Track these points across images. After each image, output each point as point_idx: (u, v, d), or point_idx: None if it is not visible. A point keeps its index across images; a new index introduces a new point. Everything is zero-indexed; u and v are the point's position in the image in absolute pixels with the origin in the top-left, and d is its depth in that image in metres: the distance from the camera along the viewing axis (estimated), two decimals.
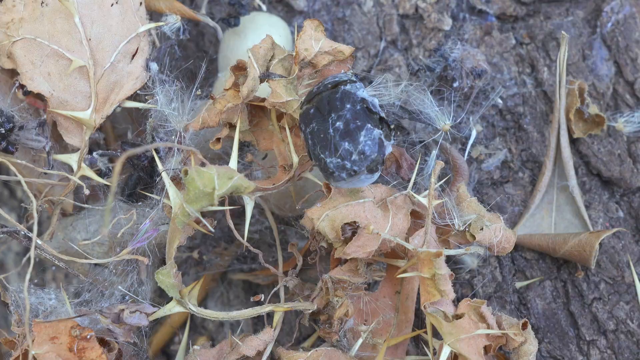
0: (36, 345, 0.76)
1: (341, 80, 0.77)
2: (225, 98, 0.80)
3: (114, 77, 0.84)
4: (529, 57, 0.95)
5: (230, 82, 0.80)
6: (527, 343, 0.78)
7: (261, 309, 0.80)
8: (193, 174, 0.72)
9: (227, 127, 0.81)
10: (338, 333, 0.82)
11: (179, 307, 0.79)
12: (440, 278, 0.76)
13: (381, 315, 0.84)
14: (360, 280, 0.81)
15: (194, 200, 0.74)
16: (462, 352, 0.75)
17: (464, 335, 0.75)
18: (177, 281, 0.78)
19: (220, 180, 0.73)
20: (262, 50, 0.80)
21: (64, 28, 0.84)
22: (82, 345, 0.75)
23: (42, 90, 0.83)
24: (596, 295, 0.91)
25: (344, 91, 0.76)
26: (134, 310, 0.77)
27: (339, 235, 0.78)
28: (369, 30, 0.97)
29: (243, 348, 0.80)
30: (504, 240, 0.81)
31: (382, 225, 0.79)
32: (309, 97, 0.78)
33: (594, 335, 0.90)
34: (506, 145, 0.94)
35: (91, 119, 0.83)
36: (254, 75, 0.79)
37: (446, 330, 0.75)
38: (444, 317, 0.76)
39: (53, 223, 0.83)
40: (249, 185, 0.74)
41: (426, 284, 0.76)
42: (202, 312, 0.80)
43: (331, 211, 0.78)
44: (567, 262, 0.92)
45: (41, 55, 0.83)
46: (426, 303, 0.76)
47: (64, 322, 0.76)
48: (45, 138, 0.83)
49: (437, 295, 0.76)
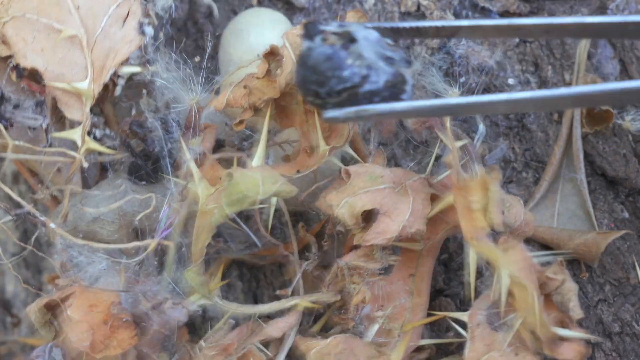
0: (73, 307, 0.75)
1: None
2: (259, 89, 0.78)
3: (108, 43, 0.84)
4: (533, 55, 0.95)
5: (264, 70, 0.78)
6: (568, 281, 0.77)
7: (287, 301, 0.80)
8: (238, 177, 0.72)
9: (252, 109, 0.80)
10: (354, 319, 0.81)
11: (203, 299, 0.79)
12: (495, 204, 0.74)
13: (397, 299, 0.83)
14: (376, 266, 0.80)
15: (235, 203, 0.73)
16: (522, 280, 0.73)
17: (521, 264, 0.74)
18: (204, 276, 0.78)
19: (265, 185, 0.73)
20: (297, 38, 0.78)
21: (51, 0, 0.83)
22: (116, 323, 0.75)
23: (36, 65, 0.82)
24: (601, 297, 0.90)
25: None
26: (177, 303, 0.76)
27: (359, 222, 0.78)
28: None
29: (269, 329, 0.80)
30: (524, 225, 0.81)
31: (402, 211, 0.78)
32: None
33: (599, 337, 0.89)
34: (510, 145, 0.94)
35: (90, 89, 0.82)
36: (292, 67, 0.77)
37: (503, 260, 0.74)
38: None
39: (65, 203, 0.82)
40: (291, 190, 0.74)
41: (474, 216, 0.74)
42: (228, 305, 0.80)
43: (351, 197, 0.78)
44: (571, 263, 0.91)
45: (32, 31, 0.83)
46: (474, 235, 0.74)
47: (107, 293, 0.76)
48: (42, 116, 0.82)
49: (486, 225, 0.74)
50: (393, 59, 0.63)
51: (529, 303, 0.74)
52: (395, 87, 0.62)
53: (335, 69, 0.61)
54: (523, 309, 0.74)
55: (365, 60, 0.61)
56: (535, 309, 0.73)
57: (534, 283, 0.75)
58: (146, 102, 0.84)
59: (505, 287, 0.74)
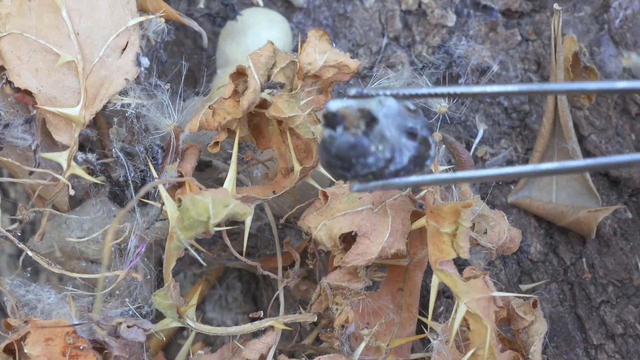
0: (30, 344, 0.76)
1: None
2: (224, 109, 0.79)
3: (104, 72, 0.83)
4: (535, 54, 0.95)
5: (230, 91, 0.78)
6: (537, 322, 0.77)
7: (260, 324, 0.80)
8: (187, 202, 0.71)
9: (226, 131, 0.80)
10: (339, 338, 0.81)
11: (176, 322, 0.79)
12: (463, 232, 0.73)
13: (383, 317, 0.83)
14: (359, 286, 0.80)
15: (188, 228, 0.73)
16: (478, 312, 0.73)
17: (479, 295, 0.73)
18: (175, 296, 0.77)
19: (215, 208, 0.71)
20: (263, 58, 0.78)
21: (51, 22, 0.83)
22: (75, 352, 0.76)
23: (29, 86, 0.82)
24: (604, 298, 0.90)
25: None
26: (131, 325, 0.76)
27: (337, 245, 0.78)
28: (370, 26, 0.96)
29: (246, 352, 0.80)
30: (508, 242, 0.80)
31: (381, 232, 0.78)
32: None
33: (602, 339, 0.89)
34: (512, 145, 0.93)
35: (80, 116, 0.82)
36: (255, 87, 0.77)
37: (462, 289, 0.73)
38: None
39: (43, 224, 0.82)
40: (246, 212, 0.72)
41: (442, 240, 0.74)
42: (200, 327, 0.79)
43: (328, 220, 0.77)
44: (575, 264, 0.91)
45: (29, 51, 0.83)
46: (439, 261, 0.74)
47: (61, 326, 0.76)
48: (32, 136, 0.82)
49: (452, 253, 0.73)
50: (415, 130, 0.63)
51: (482, 335, 0.73)
52: (420, 158, 0.63)
53: (359, 156, 0.61)
54: (476, 341, 0.74)
55: (388, 142, 0.61)
56: (486, 343, 0.73)
57: (489, 316, 0.74)
58: (115, 132, 0.84)
59: (460, 317, 0.74)
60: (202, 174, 0.88)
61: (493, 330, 0.73)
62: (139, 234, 0.79)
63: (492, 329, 0.73)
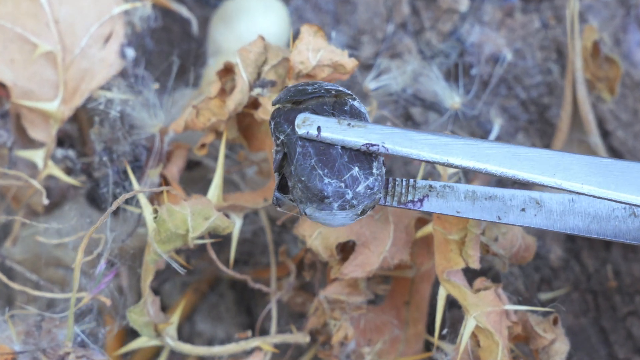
0: None
1: (345, 93, 0.67)
2: (209, 109, 0.76)
3: (85, 64, 0.82)
4: (555, 41, 0.92)
5: (216, 90, 0.75)
6: (558, 341, 0.75)
7: (247, 344, 0.77)
8: (164, 214, 0.70)
9: (214, 132, 0.77)
10: (338, 357, 0.79)
11: (154, 340, 0.76)
12: (472, 240, 0.71)
13: (387, 334, 0.80)
14: (360, 300, 0.77)
15: (165, 242, 0.71)
16: (489, 326, 0.71)
17: (490, 308, 0.72)
18: (154, 312, 0.75)
19: (194, 221, 0.70)
20: (253, 55, 0.75)
21: (29, 9, 0.81)
22: None
23: (4, 78, 0.81)
24: (631, 309, 0.87)
25: (352, 106, 0.66)
26: (80, 356, 0.72)
27: (334, 255, 0.75)
28: (375, 12, 0.94)
29: None
30: (522, 250, 0.77)
31: (383, 241, 0.75)
32: (295, 94, 0.67)
33: (629, 353, 0.87)
34: (529, 140, 0.91)
35: (59, 111, 0.81)
36: (242, 87, 0.74)
37: (471, 302, 0.72)
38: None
39: (15, 229, 0.81)
40: (228, 226, 0.71)
41: (449, 249, 0.72)
42: (181, 347, 0.77)
43: (324, 229, 0.74)
44: (598, 272, 0.88)
45: (4, 40, 0.81)
46: (446, 271, 0.72)
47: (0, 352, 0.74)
48: (6, 132, 0.81)
49: (461, 262, 0.72)
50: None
51: (493, 353, 0.71)
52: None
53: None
54: (487, 358, 0.72)
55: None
56: None
57: (501, 332, 0.72)
58: (97, 132, 0.81)
59: (468, 332, 0.71)
60: (191, 174, 0.86)
61: (505, 347, 0.71)
62: (110, 259, 0.76)
63: (504, 346, 0.71)
